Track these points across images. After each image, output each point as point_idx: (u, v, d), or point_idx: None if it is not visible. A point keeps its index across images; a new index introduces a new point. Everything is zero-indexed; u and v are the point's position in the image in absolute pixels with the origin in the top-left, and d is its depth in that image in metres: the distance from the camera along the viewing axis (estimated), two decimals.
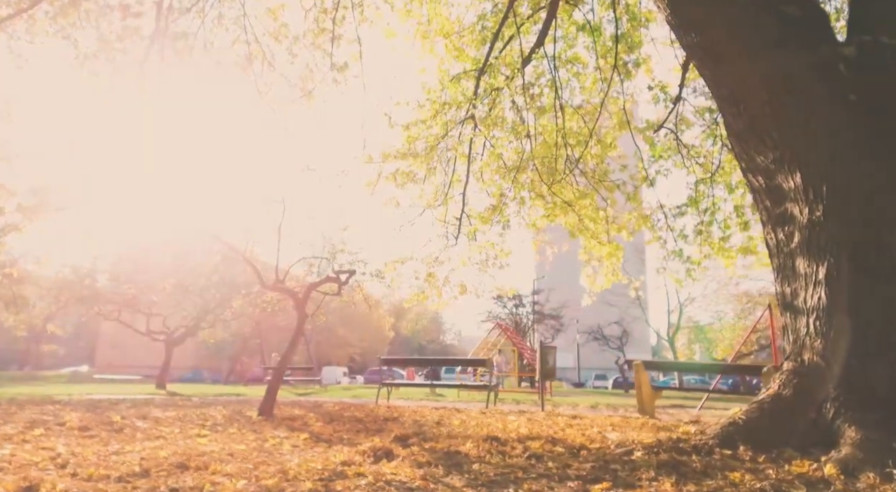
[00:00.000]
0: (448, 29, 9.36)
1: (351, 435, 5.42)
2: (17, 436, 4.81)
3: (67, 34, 5.56)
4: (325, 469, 3.18)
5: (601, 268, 9.31)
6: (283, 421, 6.66)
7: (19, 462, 3.66)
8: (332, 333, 56.80)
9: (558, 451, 3.67)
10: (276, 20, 8.77)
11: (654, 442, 3.53)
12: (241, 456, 4.03)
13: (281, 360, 7.49)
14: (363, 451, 3.79)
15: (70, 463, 3.65)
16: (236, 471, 3.17)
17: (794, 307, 3.78)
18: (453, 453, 3.68)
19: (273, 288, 7.91)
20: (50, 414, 6.82)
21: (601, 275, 9.39)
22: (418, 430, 5.64)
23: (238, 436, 5.28)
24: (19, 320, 46.07)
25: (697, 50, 4.38)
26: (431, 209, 10.00)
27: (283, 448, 4.48)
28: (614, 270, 9.31)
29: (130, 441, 4.76)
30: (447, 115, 9.03)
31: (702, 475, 2.81)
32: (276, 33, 8.79)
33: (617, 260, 8.78)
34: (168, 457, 3.85)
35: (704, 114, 9.07)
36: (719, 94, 4.37)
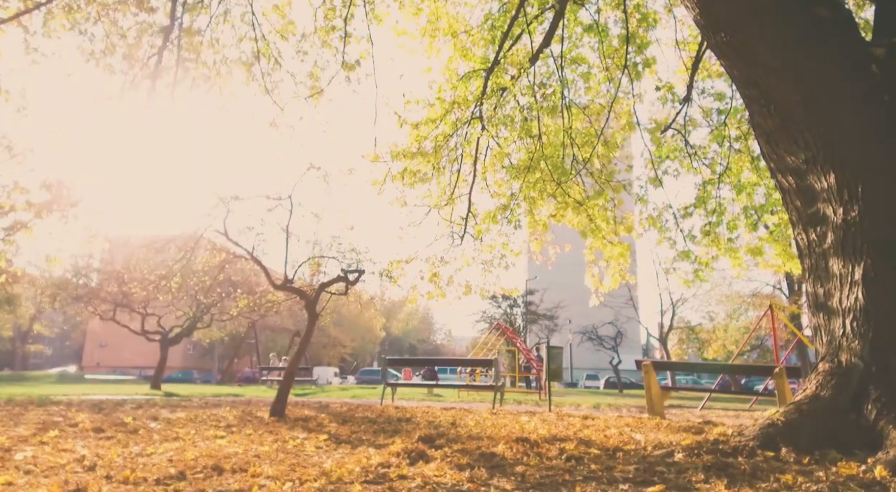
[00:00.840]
0: (456, 28, 9.33)
1: (369, 436, 5.37)
2: (32, 438, 4.71)
3: (84, 30, 5.46)
4: (367, 471, 3.13)
5: (608, 269, 9.31)
6: (297, 422, 6.59)
7: (45, 464, 3.59)
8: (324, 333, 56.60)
9: (594, 453, 3.64)
10: (284, 17, 8.70)
11: (693, 444, 3.51)
12: (267, 457, 3.97)
13: (292, 360, 7.42)
14: (396, 452, 3.74)
15: (97, 465, 3.58)
16: (277, 473, 3.11)
17: (829, 308, 3.78)
18: (488, 455, 3.64)
19: (282, 288, 7.83)
20: (58, 415, 6.71)
21: (608, 276, 9.39)
22: (438, 431, 5.59)
23: (256, 437, 5.21)
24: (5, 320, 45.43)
25: (727, 49, 4.37)
26: (438, 209, 9.97)
27: (306, 449, 4.42)
28: (621, 270, 9.32)
29: (149, 443, 4.68)
30: (455, 114, 8.99)
31: (751, 478, 2.79)
32: (284, 30, 8.72)
33: (625, 261, 8.79)
34: (196, 459, 3.79)
35: (712, 115, 9.11)
36: (749, 93, 4.36)
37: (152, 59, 6.18)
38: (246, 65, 8.54)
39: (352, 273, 8.06)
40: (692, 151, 8.99)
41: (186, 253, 7.90)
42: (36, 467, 3.51)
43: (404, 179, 9.25)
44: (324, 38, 7.90)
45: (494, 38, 9.06)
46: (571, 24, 9.67)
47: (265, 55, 8.51)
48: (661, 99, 9.24)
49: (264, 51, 8.49)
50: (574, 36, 9.73)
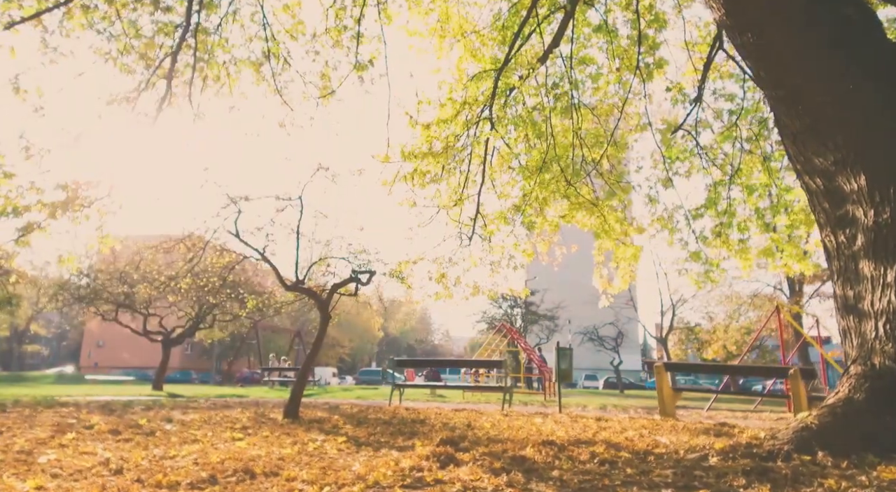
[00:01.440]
0: (465, 28, 9.31)
1: (387, 438, 5.34)
2: (50, 441, 4.67)
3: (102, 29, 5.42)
4: (403, 476, 3.10)
5: (618, 270, 9.30)
6: (311, 424, 6.55)
7: (71, 468, 3.55)
8: None
9: (625, 456, 3.62)
10: (294, 17, 8.66)
11: (727, 447, 3.49)
12: (292, 460, 3.94)
13: (306, 361, 7.38)
14: (424, 455, 3.71)
15: (124, 469, 3.54)
16: (312, 477, 3.08)
17: (859, 311, 3.76)
18: (518, 459, 3.62)
19: (294, 289, 7.79)
20: (70, 417, 6.66)
21: (618, 277, 9.38)
22: (456, 433, 5.56)
23: (273, 439, 5.18)
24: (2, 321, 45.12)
25: (753, 50, 4.36)
26: (447, 210, 9.94)
27: (328, 452, 4.39)
28: (630, 271, 9.32)
29: (168, 445, 4.63)
30: (465, 114, 8.96)
31: (794, 482, 2.77)
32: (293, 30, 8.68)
33: (635, 261, 8.78)
34: (222, 462, 3.75)
35: (723, 115, 9.11)
36: (776, 95, 4.34)
37: (167, 60, 6.14)
38: (255, 65, 8.50)
39: (363, 274, 8.02)
40: (703, 152, 8.97)
41: (197, 253, 7.85)
42: (62, 471, 3.47)
43: (414, 180, 9.22)
44: (336, 37, 7.85)
45: (505, 39, 9.04)
46: (580, 25, 9.66)
47: (275, 55, 8.47)
48: (671, 100, 9.22)
49: (274, 51, 8.45)
50: (582, 36, 9.72)
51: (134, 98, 5.94)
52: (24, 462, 3.69)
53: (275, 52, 8.48)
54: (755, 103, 8.98)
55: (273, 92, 8.63)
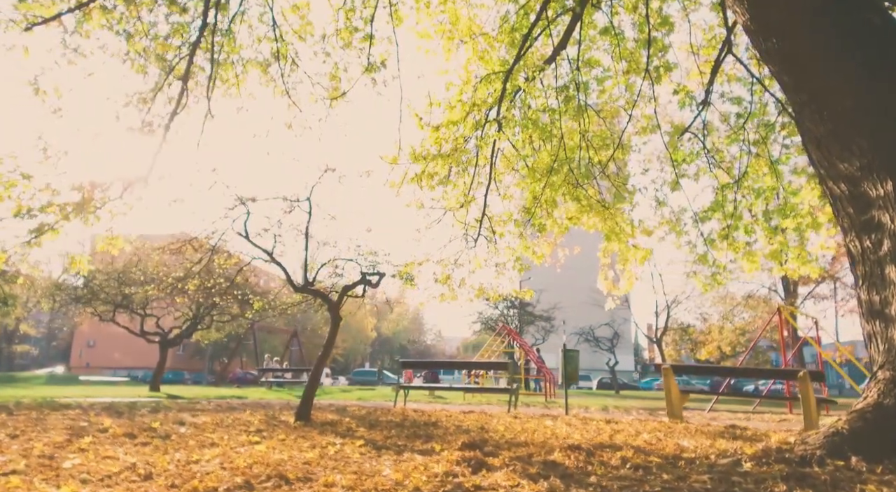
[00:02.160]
0: (474, 30, 9.31)
1: (405, 441, 5.32)
2: (68, 445, 4.62)
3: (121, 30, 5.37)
4: (440, 481, 3.09)
5: (625, 271, 9.33)
6: (324, 426, 6.52)
7: (98, 473, 3.51)
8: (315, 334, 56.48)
9: (655, 461, 3.62)
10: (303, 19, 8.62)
11: (758, 452, 3.51)
12: (317, 464, 3.92)
13: (317, 363, 7.35)
14: (453, 460, 3.71)
15: (153, 474, 3.51)
16: (350, 483, 3.06)
17: (886, 316, 3.78)
18: (550, 464, 3.62)
19: (304, 290, 7.76)
20: (79, 420, 6.59)
21: (624, 278, 9.41)
22: (473, 436, 5.55)
23: (291, 442, 5.15)
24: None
25: (777, 55, 4.38)
26: (453, 211, 9.93)
27: (351, 456, 4.37)
28: (636, 273, 9.35)
29: (187, 449, 4.60)
30: (474, 116, 8.96)
31: (834, 488, 2.78)
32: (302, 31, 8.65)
33: (641, 263, 8.81)
34: (249, 466, 3.72)
35: (730, 119, 9.15)
36: (799, 99, 4.36)
37: (183, 61, 6.10)
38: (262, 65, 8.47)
39: (372, 276, 8.01)
40: (710, 155, 9.02)
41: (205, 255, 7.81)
42: (90, 476, 3.44)
43: (422, 181, 9.21)
44: (347, 39, 7.83)
45: (514, 41, 9.04)
46: (586, 27, 9.68)
47: (283, 56, 8.44)
48: (679, 103, 9.26)
49: (283, 51, 8.41)
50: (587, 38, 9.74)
51: (150, 99, 5.90)
52: (49, 467, 3.65)
53: (283, 52, 8.45)
54: (761, 106, 9.04)
55: (281, 93, 8.60)
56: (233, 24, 7.14)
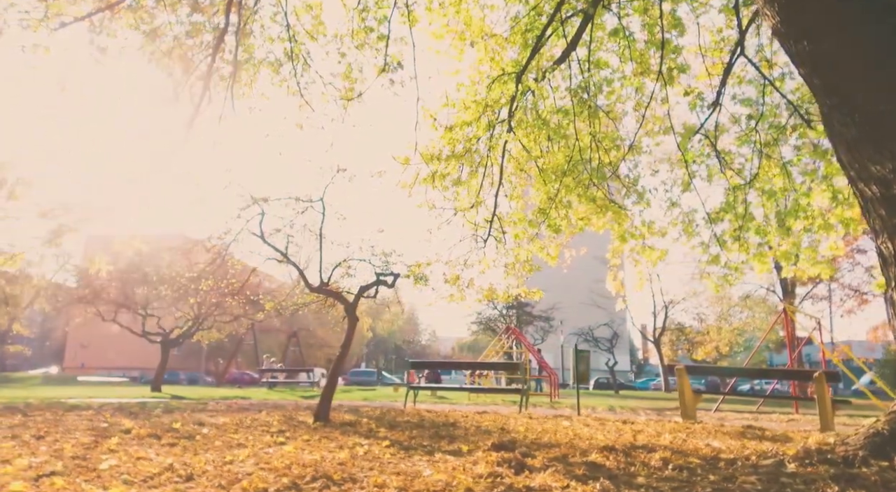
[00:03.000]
0: (486, 31, 9.32)
1: (430, 442, 5.32)
2: (95, 446, 4.59)
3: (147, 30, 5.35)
4: (491, 483, 3.09)
5: (636, 272, 9.36)
6: (345, 427, 6.51)
7: (139, 474, 3.50)
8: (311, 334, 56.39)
9: (694, 462, 3.64)
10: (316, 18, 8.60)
11: (799, 453, 3.53)
12: (352, 465, 3.91)
13: (334, 364, 7.34)
14: (492, 461, 3.71)
15: (194, 475, 3.49)
16: (401, 484, 3.06)
17: None
18: (591, 464, 3.63)
19: (319, 290, 7.74)
20: (97, 421, 6.55)
21: (636, 278, 9.45)
22: (500, 437, 5.56)
23: (315, 443, 5.14)
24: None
25: (808, 58, 4.40)
26: (464, 212, 9.94)
27: (383, 457, 4.37)
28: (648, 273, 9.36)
29: (215, 449, 4.58)
30: (486, 117, 8.97)
31: (886, 489, 2.80)
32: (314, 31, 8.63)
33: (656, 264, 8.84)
34: (288, 467, 3.72)
35: (741, 120, 9.19)
36: (830, 102, 4.39)
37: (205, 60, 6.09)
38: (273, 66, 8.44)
39: (386, 276, 8.00)
40: (721, 156, 9.06)
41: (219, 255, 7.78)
42: (131, 477, 3.42)
43: (434, 182, 9.21)
44: (363, 39, 7.82)
45: (527, 41, 9.06)
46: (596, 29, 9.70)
47: (296, 56, 8.41)
48: (690, 105, 9.29)
49: (296, 51, 8.39)
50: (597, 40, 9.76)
51: (173, 99, 5.88)
52: (86, 469, 3.63)
53: (296, 52, 8.42)
54: (772, 108, 9.09)
55: (294, 93, 8.58)
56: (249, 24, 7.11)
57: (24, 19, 4.85)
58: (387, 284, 7.93)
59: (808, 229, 8.58)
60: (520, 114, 9.29)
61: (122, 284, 17.48)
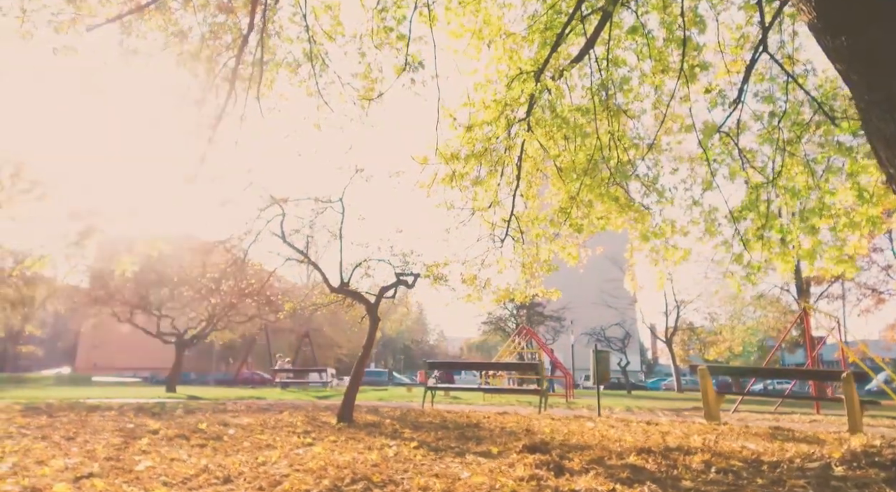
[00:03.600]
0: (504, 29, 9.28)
1: (456, 443, 5.28)
2: (126, 446, 4.58)
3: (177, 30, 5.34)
4: (535, 487, 3.05)
5: (657, 272, 9.28)
6: (369, 428, 6.48)
7: (176, 476, 3.48)
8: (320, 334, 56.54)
9: (737, 465, 3.58)
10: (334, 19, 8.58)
11: (846, 455, 3.47)
12: (386, 466, 3.88)
13: (357, 365, 7.31)
14: (531, 463, 3.67)
15: (231, 477, 3.47)
16: (446, 487, 3.03)
17: None
18: (631, 467, 3.57)
19: (340, 291, 7.73)
20: (123, 422, 6.56)
21: (657, 278, 9.37)
22: (530, 438, 5.52)
23: (343, 443, 5.11)
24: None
25: (846, 54, 4.33)
26: (482, 212, 9.90)
27: (413, 458, 4.33)
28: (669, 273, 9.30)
29: (244, 450, 4.56)
30: (506, 115, 8.93)
31: None
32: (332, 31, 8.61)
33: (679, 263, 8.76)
34: (323, 468, 3.69)
35: (763, 118, 9.10)
36: (868, 98, 4.32)
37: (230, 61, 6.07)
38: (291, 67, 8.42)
39: (407, 276, 7.98)
40: (743, 155, 8.96)
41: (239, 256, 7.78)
42: (170, 479, 3.40)
43: (453, 182, 9.17)
44: (383, 38, 7.79)
45: (546, 40, 9.01)
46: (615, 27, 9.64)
47: (316, 56, 8.39)
48: (710, 102, 9.21)
49: (315, 51, 8.37)
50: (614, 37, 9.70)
51: (200, 100, 5.87)
52: (122, 470, 3.62)
53: (315, 53, 8.41)
54: (794, 105, 8.99)
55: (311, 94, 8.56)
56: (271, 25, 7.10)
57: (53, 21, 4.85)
58: (407, 285, 7.91)
59: (833, 228, 8.49)
60: (538, 113, 9.25)
61: (136, 285, 17.55)
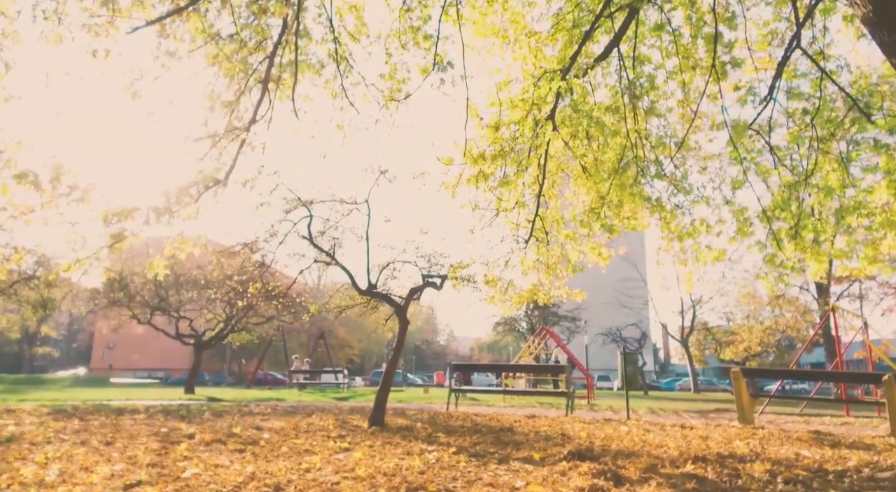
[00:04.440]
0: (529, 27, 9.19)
1: (495, 449, 5.19)
2: (165, 452, 4.54)
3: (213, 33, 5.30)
4: None
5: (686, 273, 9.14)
6: (402, 432, 6.40)
7: (226, 484, 3.41)
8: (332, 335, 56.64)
9: (801, 474, 3.47)
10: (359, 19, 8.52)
11: None
12: (433, 473, 3.80)
13: (388, 367, 7.25)
14: (587, 472, 3.57)
15: (280, 484, 3.40)
16: None
17: None
18: (690, 476, 3.47)
19: (368, 293, 7.66)
20: (156, 426, 6.52)
21: (685, 279, 9.23)
22: (561, 443, 5.42)
23: (381, 449, 5.04)
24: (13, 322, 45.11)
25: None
26: (506, 212, 9.80)
27: (457, 465, 4.25)
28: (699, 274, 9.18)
29: (282, 455, 4.50)
30: (533, 115, 8.83)
31: None
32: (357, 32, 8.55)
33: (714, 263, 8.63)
34: (373, 476, 3.62)
35: (795, 115, 8.94)
36: None
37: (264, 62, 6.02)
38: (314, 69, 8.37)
39: (434, 278, 7.90)
40: (775, 153, 8.81)
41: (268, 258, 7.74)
42: (220, 487, 3.34)
43: (478, 182, 9.08)
44: (414, 38, 7.73)
45: (573, 38, 8.90)
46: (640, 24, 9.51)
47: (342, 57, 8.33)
48: (739, 100, 9.07)
49: (341, 52, 8.31)
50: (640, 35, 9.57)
51: (234, 103, 5.83)
52: (170, 477, 3.56)
53: (341, 54, 8.34)
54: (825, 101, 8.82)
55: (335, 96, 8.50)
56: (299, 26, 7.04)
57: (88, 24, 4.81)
58: (435, 286, 7.83)
59: (868, 227, 8.33)
60: (565, 111, 9.14)
61: (156, 287, 17.60)
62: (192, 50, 5.15)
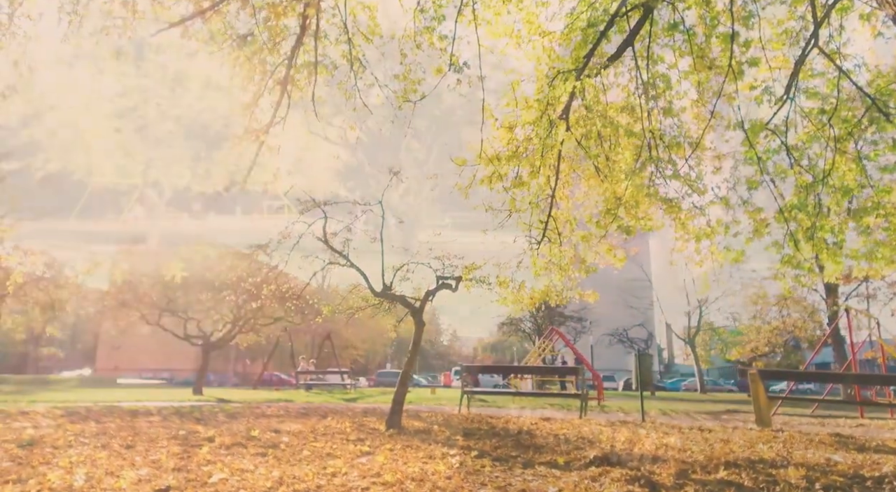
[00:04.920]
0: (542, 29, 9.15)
1: (518, 453, 5.14)
2: (187, 455, 4.50)
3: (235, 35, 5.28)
4: None
5: (701, 273, 9.09)
6: (421, 435, 6.36)
7: (257, 489, 3.37)
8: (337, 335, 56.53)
9: (838, 480, 3.41)
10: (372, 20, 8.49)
11: None
12: (461, 479, 3.76)
13: (405, 369, 7.21)
14: (618, 478, 3.52)
15: (310, 490, 3.37)
16: None
17: None
18: (727, 483, 3.42)
19: (383, 295, 7.62)
20: (173, 428, 6.49)
21: (701, 280, 9.17)
22: (583, 447, 5.37)
23: (402, 452, 5.00)
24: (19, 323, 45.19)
25: None
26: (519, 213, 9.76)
27: (482, 469, 4.21)
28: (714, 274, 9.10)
29: (308, 460, 4.46)
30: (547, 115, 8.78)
31: None
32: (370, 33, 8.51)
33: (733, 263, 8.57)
34: (401, 482, 3.58)
35: (812, 115, 8.87)
36: None
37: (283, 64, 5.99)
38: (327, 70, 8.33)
39: (448, 280, 7.86)
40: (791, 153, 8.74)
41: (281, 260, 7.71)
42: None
43: (492, 182, 9.04)
44: (430, 38, 7.69)
45: (588, 37, 8.85)
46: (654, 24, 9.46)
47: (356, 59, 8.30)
48: (756, 99, 9.00)
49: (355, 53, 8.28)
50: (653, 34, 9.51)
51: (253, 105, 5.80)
52: (197, 482, 3.53)
53: (355, 55, 8.31)
54: (843, 102, 8.76)
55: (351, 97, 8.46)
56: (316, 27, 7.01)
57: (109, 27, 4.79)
58: (450, 288, 7.79)
59: (887, 228, 8.26)
60: (578, 111, 9.10)
61: (164, 289, 17.59)
62: (212, 51, 5.11)
